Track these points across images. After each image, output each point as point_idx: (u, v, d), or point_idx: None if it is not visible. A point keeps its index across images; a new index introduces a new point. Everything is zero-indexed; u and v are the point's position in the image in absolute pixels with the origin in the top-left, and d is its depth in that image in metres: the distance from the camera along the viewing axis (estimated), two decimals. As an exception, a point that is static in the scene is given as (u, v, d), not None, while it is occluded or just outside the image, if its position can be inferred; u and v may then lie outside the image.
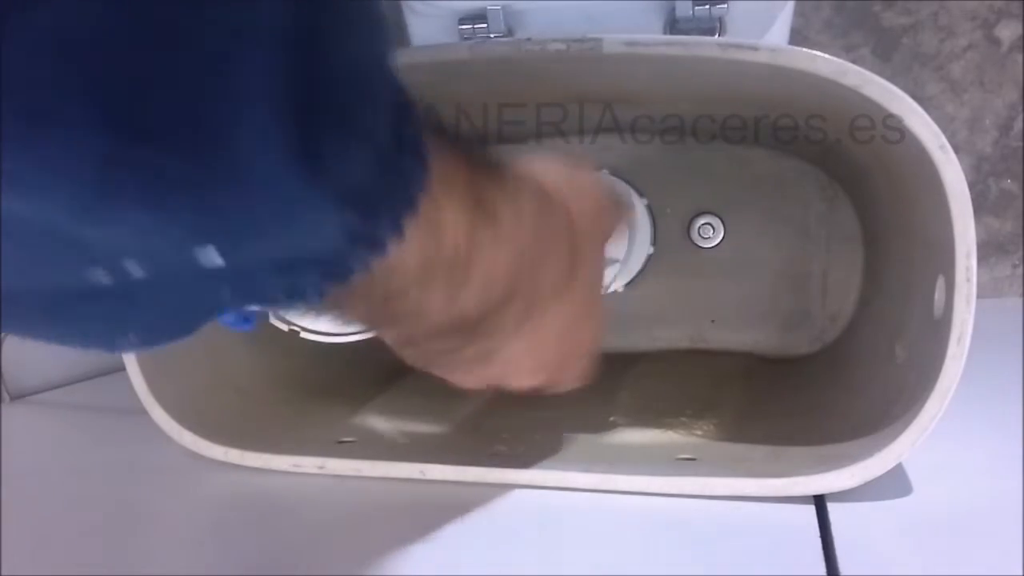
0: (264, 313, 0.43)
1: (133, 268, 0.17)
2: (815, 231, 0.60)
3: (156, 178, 0.15)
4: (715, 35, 0.57)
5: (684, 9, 0.57)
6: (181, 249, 0.17)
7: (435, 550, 0.36)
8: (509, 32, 0.60)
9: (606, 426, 0.48)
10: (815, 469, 0.37)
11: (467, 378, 0.33)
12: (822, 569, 0.32)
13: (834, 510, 0.36)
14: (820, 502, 0.37)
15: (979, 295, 0.34)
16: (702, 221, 0.62)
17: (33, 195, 0.15)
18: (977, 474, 0.40)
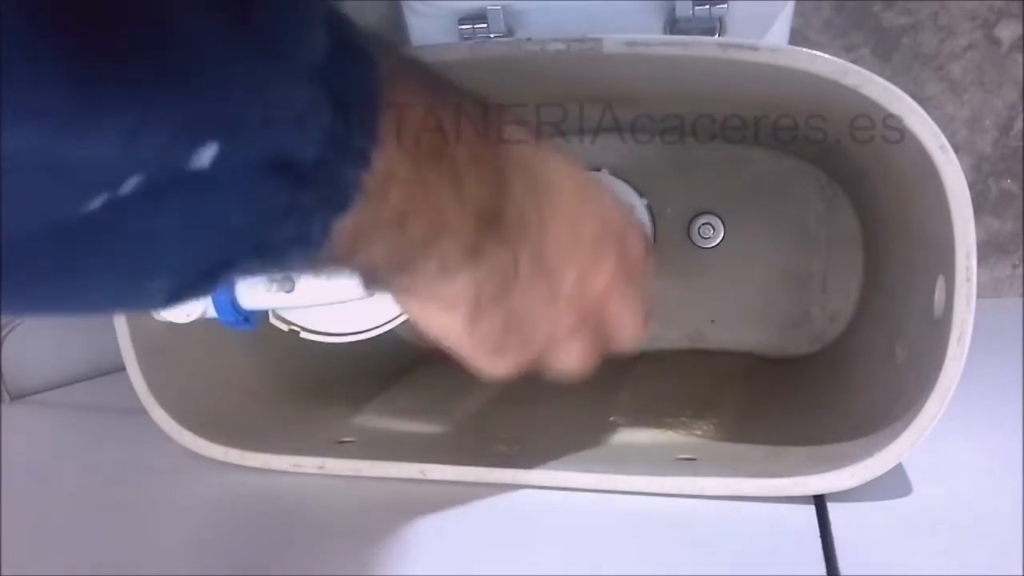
0: (264, 313, 0.43)
1: (132, 186, 0.17)
2: (815, 231, 0.60)
3: (129, 78, 0.16)
4: (715, 35, 0.57)
5: (684, 9, 0.56)
6: (170, 150, 0.17)
7: (435, 550, 0.36)
8: (509, 32, 0.60)
9: (606, 426, 0.48)
10: (815, 469, 0.37)
11: (502, 356, 0.32)
12: (822, 569, 0.32)
13: (834, 510, 0.36)
14: (820, 502, 0.37)
15: (979, 295, 0.34)
16: (702, 221, 0.62)
17: (18, 121, 0.15)
18: (977, 474, 0.40)
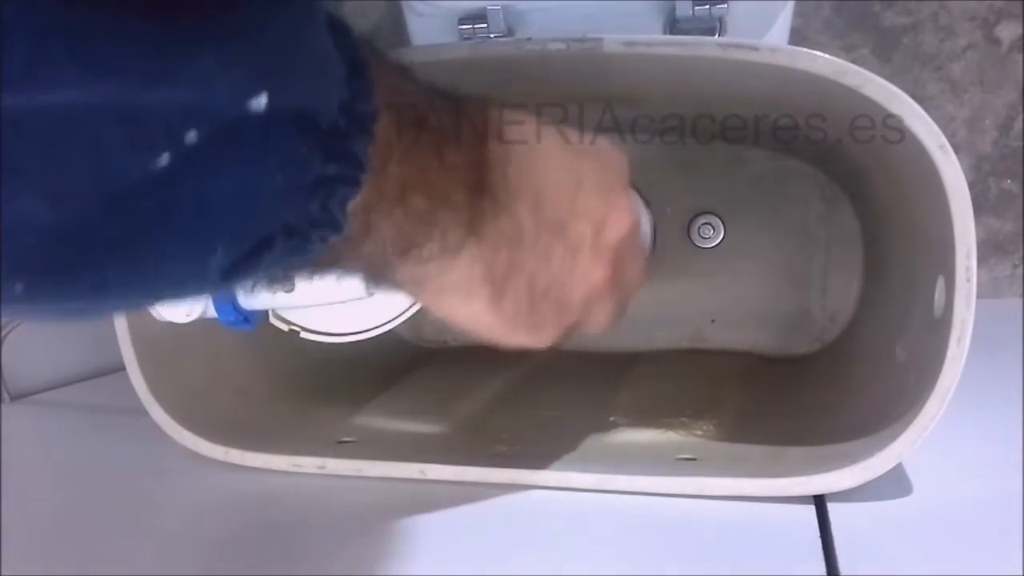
0: (264, 313, 0.43)
1: (193, 137, 0.18)
2: (815, 231, 0.60)
3: (201, 28, 0.18)
4: (715, 35, 0.57)
5: (684, 9, 0.56)
6: (236, 96, 0.19)
7: (435, 550, 0.36)
8: (509, 32, 0.60)
9: (606, 426, 0.48)
10: (815, 469, 0.37)
11: (542, 329, 0.32)
12: (822, 569, 0.32)
13: (834, 510, 0.36)
14: (820, 502, 0.37)
15: (979, 295, 0.34)
16: (702, 221, 0.62)
17: (101, 69, 0.17)
18: (977, 474, 0.40)
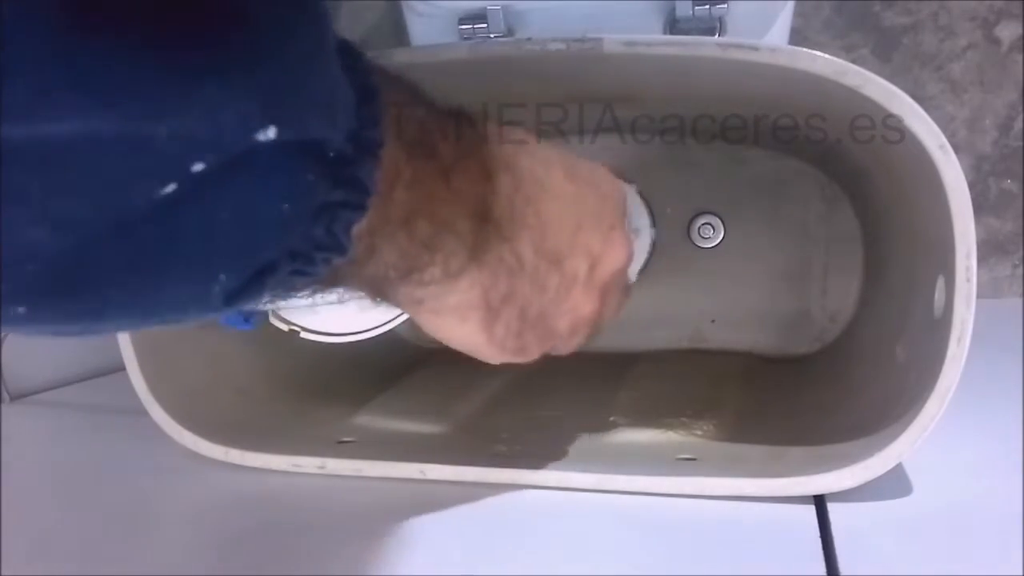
0: (264, 313, 0.43)
1: (199, 167, 0.18)
2: (815, 231, 0.60)
3: (211, 59, 0.18)
4: (715, 35, 0.57)
5: (684, 9, 0.56)
6: (244, 129, 0.18)
7: (435, 550, 0.36)
8: (509, 32, 0.59)
9: (606, 426, 0.48)
10: (815, 469, 0.37)
11: (525, 353, 0.33)
12: (822, 569, 0.32)
13: (834, 510, 0.36)
14: (820, 502, 0.37)
15: (979, 295, 0.34)
16: (702, 221, 0.62)
17: (107, 100, 0.16)
18: (977, 474, 0.40)
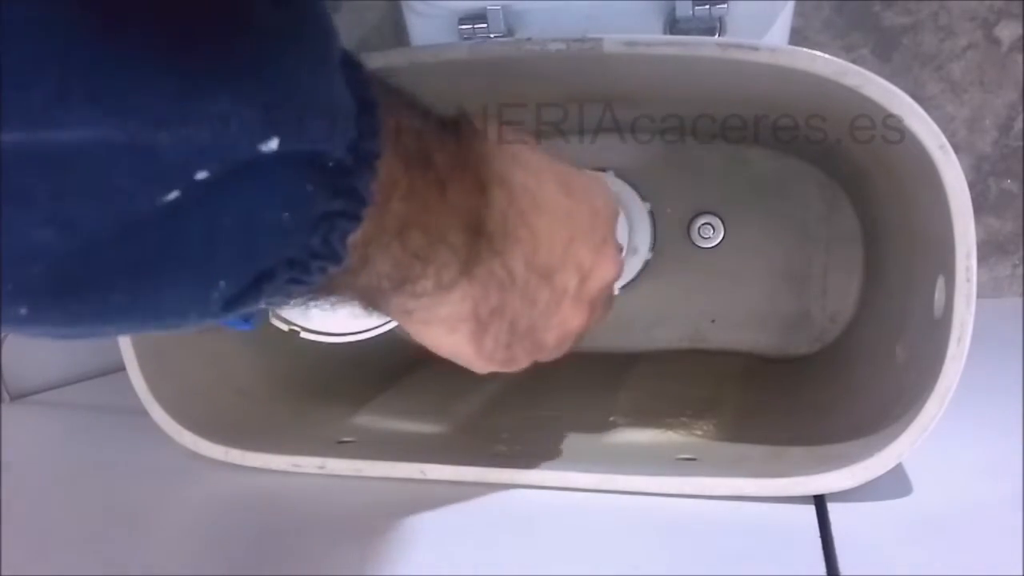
0: (264, 313, 0.43)
1: (203, 175, 0.18)
2: (815, 231, 0.60)
3: (221, 70, 0.18)
4: (715, 35, 0.57)
5: (684, 9, 0.56)
6: (248, 140, 0.18)
7: (435, 550, 0.36)
8: (509, 32, 0.60)
9: (606, 426, 0.48)
10: (815, 469, 0.37)
11: (514, 365, 0.34)
12: (822, 569, 0.32)
13: (834, 510, 0.36)
14: (820, 502, 0.37)
15: (979, 295, 0.34)
16: (702, 221, 0.62)
17: (119, 107, 0.16)
18: (977, 474, 0.40)
